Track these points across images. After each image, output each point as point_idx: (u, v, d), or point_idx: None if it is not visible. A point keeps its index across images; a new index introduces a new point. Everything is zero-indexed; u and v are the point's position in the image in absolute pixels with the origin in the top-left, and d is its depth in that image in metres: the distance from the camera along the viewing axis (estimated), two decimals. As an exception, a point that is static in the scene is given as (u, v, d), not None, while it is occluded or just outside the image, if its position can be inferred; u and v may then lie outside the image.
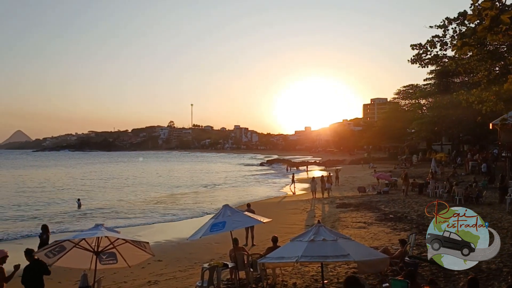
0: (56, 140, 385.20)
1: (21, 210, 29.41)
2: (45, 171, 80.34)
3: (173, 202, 33.95)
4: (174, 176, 63.35)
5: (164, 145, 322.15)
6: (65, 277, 12.08)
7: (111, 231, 8.70)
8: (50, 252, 8.64)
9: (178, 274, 12.96)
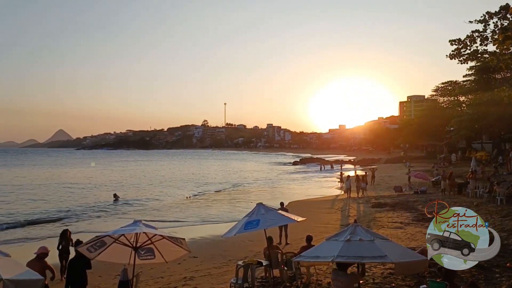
0: (96, 139, 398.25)
1: (61, 205, 30.64)
2: (85, 168, 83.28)
3: (207, 199, 34.43)
4: (207, 174, 64.11)
5: (198, 144, 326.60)
6: (105, 271, 12.51)
7: (149, 227, 8.92)
8: (91, 247, 8.98)
9: (213, 270, 13.15)
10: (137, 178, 57.48)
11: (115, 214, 27.18)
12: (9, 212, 27.57)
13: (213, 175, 62.22)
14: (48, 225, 23.31)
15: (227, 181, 51.32)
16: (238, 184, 47.94)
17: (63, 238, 12.69)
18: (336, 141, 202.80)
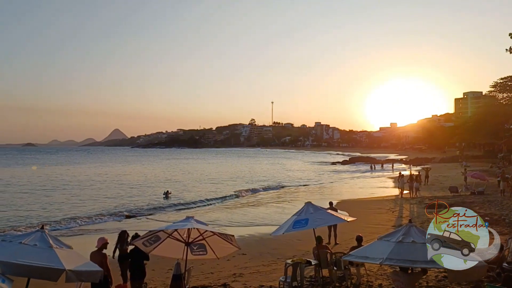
0: (149, 138, 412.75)
1: (116, 200, 32.09)
2: (139, 165, 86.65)
3: (255, 197, 34.74)
4: (255, 173, 64.56)
5: (245, 142, 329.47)
6: (158, 265, 12.96)
7: (200, 223, 9.18)
8: (147, 241, 9.39)
9: (261, 268, 13.28)
10: (187, 176, 58.98)
11: (165, 211, 28.07)
12: (78, 207, 29.30)
13: (260, 174, 62.58)
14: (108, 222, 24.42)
15: (274, 180, 51.42)
16: (285, 182, 47.90)
17: (120, 241, 10.93)
18: (387, 140, 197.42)
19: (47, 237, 7.17)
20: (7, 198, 34.21)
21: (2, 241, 7.29)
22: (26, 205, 30.42)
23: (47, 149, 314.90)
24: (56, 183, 46.75)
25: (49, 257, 6.72)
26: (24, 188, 42.17)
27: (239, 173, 63.62)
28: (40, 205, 30.49)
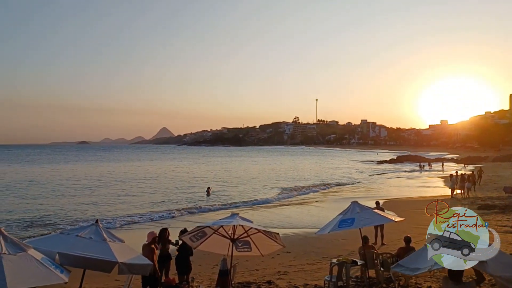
0: (194, 136, 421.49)
1: (162, 196, 33.06)
2: (184, 162, 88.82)
3: (300, 195, 34.61)
4: (299, 171, 64.28)
5: (289, 140, 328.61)
6: (204, 261, 13.25)
7: (245, 221, 9.28)
8: (193, 236, 9.64)
9: (306, 267, 13.23)
10: (230, 173, 59.69)
11: (208, 207, 28.58)
12: (127, 202, 30.54)
13: (304, 172, 62.23)
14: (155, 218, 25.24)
15: (318, 178, 50.99)
16: (330, 181, 47.35)
17: (161, 239, 10.24)
18: (437, 138, 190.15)
19: (101, 231, 7.53)
20: (65, 192, 36.20)
21: (61, 234, 7.75)
22: (82, 200, 32.06)
23: (101, 147, 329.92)
24: (107, 179, 48.91)
25: (103, 250, 7.06)
26: (81, 183, 44.40)
27: (282, 172, 63.59)
28: (96, 199, 32.07)
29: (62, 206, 28.96)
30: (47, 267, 6.06)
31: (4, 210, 27.51)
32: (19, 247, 6.01)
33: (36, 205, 29.33)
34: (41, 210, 27.12)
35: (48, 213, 26.16)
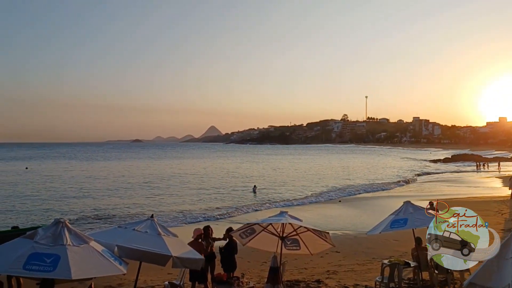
0: (241, 134, 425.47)
1: (212, 192, 33.72)
2: (231, 160, 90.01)
3: (348, 194, 34.06)
4: (348, 170, 63.20)
5: (337, 139, 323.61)
6: (253, 258, 13.41)
7: (294, 219, 9.30)
8: (243, 233, 9.79)
9: (356, 267, 13.03)
10: (277, 171, 59.74)
11: (255, 205, 28.86)
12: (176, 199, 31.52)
13: (354, 171, 61.10)
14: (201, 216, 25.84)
15: (369, 178, 49.93)
16: (380, 180, 46.20)
17: (205, 237, 10.23)
18: (495, 136, 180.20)
19: (156, 225, 7.85)
20: (122, 187, 37.90)
21: (119, 227, 8.15)
22: (138, 195, 33.52)
23: (154, 145, 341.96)
24: (161, 176, 50.63)
25: (158, 243, 7.36)
26: (137, 180, 46.30)
27: (331, 170, 62.83)
28: (151, 194, 33.43)
29: (119, 201, 30.55)
30: (107, 258, 6.41)
31: (67, 204, 29.38)
32: (82, 239, 6.40)
33: (95, 200, 31.10)
34: (100, 204, 28.75)
35: (106, 207, 27.69)
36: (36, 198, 32.06)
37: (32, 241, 6.02)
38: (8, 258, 5.80)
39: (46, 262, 5.72)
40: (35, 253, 5.78)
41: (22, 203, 29.45)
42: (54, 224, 6.37)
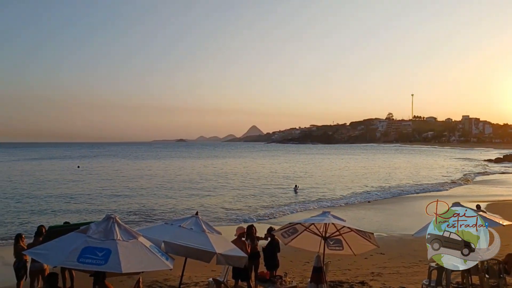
0: (283, 134, 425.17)
1: (253, 191, 33.93)
2: (272, 159, 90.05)
3: (395, 197, 33.21)
4: (393, 171, 61.55)
5: (382, 138, 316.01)
6: (295, 257, 13.40)
7: (337, 219, 9.20)
8: (285, 232, 9.81)
9: (402, 269, 12.72)
10: (319, 171, 59.14)
11: (297, 204, 28.75)
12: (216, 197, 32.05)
13: (399, 171, 59.45)
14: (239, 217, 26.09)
15: (415, 178, 48.42)
16: (426, 181, 44.70)
17: (249, 237, 10.37)
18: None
19: (201, 223, 8.03)
20: (168, 185, 38.99)
21: (165, 224, 8.41)
22: (183, 192, 34.33)
23: (198, 144, 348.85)
24: (205, 174, 51.59)
25: (203, 240, 7.52)
26: (182, 178, 47.46)
27: (374, 170, 61.47)
28: (196, 192, 34.11)
29: (165, 198, 31.51)
30: (155, 254, 6.62)
31: (115, 200, 30.62)
32: (131, 234, 6.66)
33: (142, 197, 32.25)
34: (146, 201, 29.76)
35: (152, 204, 28.62)
36: (86, 195, 33.61)
37: (85, 235, 6.32)
38: (64, 251, 6.11)
39: (98, 256, 5.98)
40: (88, 247, 6.06)
41: (73, 200, 30.95)
42: (105, 219, 6.67)
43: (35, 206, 28.00)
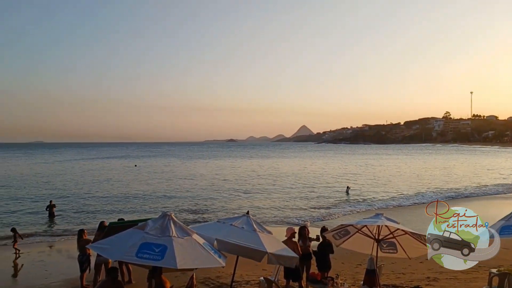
0: (334, 134, 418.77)
1: (304, 193, 33.73)
2: (323, 160, 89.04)
3: (451, 199, 31.79)
4: (452, 170, 58.82)
5: (438, 138, 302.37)
6: (347, 259, 13.22)
7: (391, 221, 8.97)
8: (337, 234, 9.70)
9: (460, 275, 12.15)
10: (371, 172, 57.69)
11: (349, 206, 28.31)
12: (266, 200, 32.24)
13: (457, 172, 56.70)
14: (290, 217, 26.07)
15: (476, 179, 45.98)
16: (485, 182, 42.36)
17: (301, 237, 10.51)
18: None
19: (252, 222, 8.15)
20: (219, 184, 39.78)
21: (217, 222, 8.61)
22: (234, 191, 34.86)
23: (248, 144, 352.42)
24: (257, 173, 52.08)
25: (254, 239, 7.63)
26: (233, 177, 48.25)
27: (431, 171, 59.05)
28: (246, 190, 34.55)
29: (217, 196, 32.20)
30: (208, 251, 6.81)
31: (172, 198, 31.71)
32: (185, 231, 6.90)
33: (194, 195, 33.18)
34: (200, 199, 30.64)
35: (204, 202, 29.40)
36: (142, 192, 35.03)
37: (143, 231, 6.62)
38: (123, 246, 6.44)
39: (155, 251, 6.26)
40: (146, 243, 6.35)
41: (130, 197, 32.36)
42: (162, 216, 6.95)
43: (96, 202, 29.65)
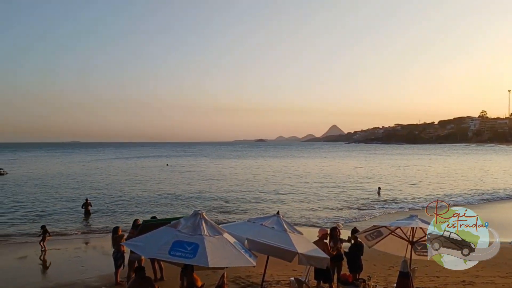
0: (365, 133, 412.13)
1: (335, 194, 33.37)
2: (354, 160, 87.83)
3: (489, 202, 30.72)
4: (491, 171, 56.79)
5: (474, 138, 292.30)
6: (379, 261, 12.98)
7: (426, 223, 8.75)
8: (369, 235, 9.55)
9: (497, 279, 11.75)
10: (403, 172, 56.43)
11: (376, 205, 27.81)
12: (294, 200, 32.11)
13: (496, 173, 54.68)
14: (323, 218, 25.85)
15: (510, 182, 44.30)
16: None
17: (332, 238, 10.47)
18: None
19: (282, 222, 8.13)
20: (249, 184, 39.97)
21: (248, 222, 8.64)
22: (265, 191, 34.95)
23: (277, 144, 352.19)
24: (288, 174, 51.98)
25: (285, 239, 7.60)
26: (262, 176, 48.36)
27: (467, 172, 57.23)
28: (277, 190, 34.59)
29: (247, 196, 32.35)
30: (239, 250, 6.84)
31: (202, 197, 32.11)
32: (217, 230, 6.96)
33: (225, 194, 33.43)
34: (230, 199, 30.86)
35: (234, 201, 29.63)
36: (173, 190, 35.62)
37: (175, 229, 6.73)
38: (156, 244, 6.57)
39: (187, 250, 6.34)
40: (178, 241, 6.45)
41: (162, 195, 32.95)
42: (193, 215, 7.04)
43: (129, 200, 30.35)
